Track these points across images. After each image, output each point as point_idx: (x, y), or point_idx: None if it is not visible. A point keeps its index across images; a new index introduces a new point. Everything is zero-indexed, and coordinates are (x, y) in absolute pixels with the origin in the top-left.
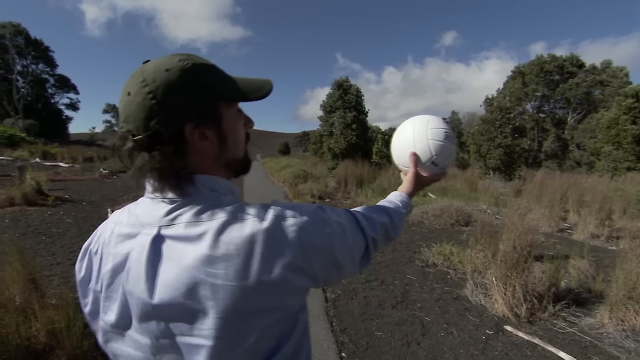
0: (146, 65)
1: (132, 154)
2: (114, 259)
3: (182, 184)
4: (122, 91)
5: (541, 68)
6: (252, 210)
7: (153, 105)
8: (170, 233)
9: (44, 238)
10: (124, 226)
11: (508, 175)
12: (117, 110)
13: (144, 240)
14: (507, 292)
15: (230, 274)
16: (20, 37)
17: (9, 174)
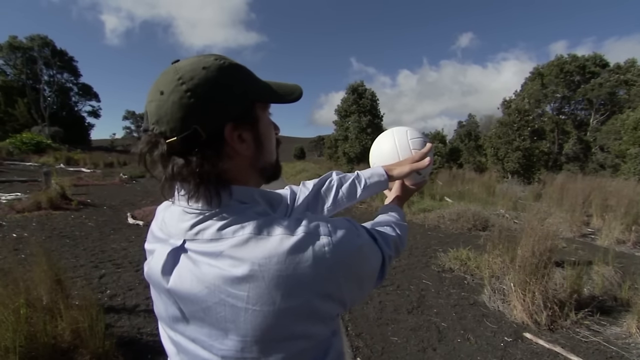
0: (179, 64)
1: (164, 158)
2: (149, 254)
3: (220, 191)
4: (151, 91)
5: (561, 69)
6: (282, 225)
7: (192, 103)
8: (193, 247)
9: (67, 241)
10: (156, 228)
11: (527, 178)
12: (138, 116)
13: (166, 251)
14: (527, 299)
15: (253, 297)
16: (47, 49)
17: (36, 179)
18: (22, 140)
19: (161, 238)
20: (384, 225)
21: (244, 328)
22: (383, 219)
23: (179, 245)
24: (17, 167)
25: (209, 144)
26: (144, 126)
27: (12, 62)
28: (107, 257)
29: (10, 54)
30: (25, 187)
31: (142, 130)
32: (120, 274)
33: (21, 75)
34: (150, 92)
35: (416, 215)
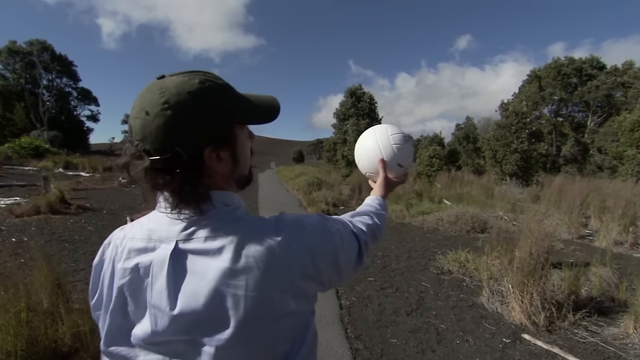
0: (165, 83)
1: (147, 172)
2: (127, 273)
3: (200, 203)
4: (136, 107)
5: (558, 71)
6: (267, 224)
7: (175, 128)
8: (189, 247)
9: (67, 245)
10: (138, 241)
11: (525, 180)
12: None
13: (163, 254)
14: (524, 300)
15: (251, 285)
16: (46, 54)
17: (35, 184)
18: (20, 144)
19: (148, 247)
20: (363, 215)
21: (245, 314)
22: (363, 209)
23: (173, 248)
24: (16, 172)
25: (189, 165)
26: (129, 138)
27: (11, 67)
28: None
29: (10, 59)
30: (24, 191)
31: (127, 140)
32: None
33: (20, 80)
34: (135, 106)
35: (415, 218)
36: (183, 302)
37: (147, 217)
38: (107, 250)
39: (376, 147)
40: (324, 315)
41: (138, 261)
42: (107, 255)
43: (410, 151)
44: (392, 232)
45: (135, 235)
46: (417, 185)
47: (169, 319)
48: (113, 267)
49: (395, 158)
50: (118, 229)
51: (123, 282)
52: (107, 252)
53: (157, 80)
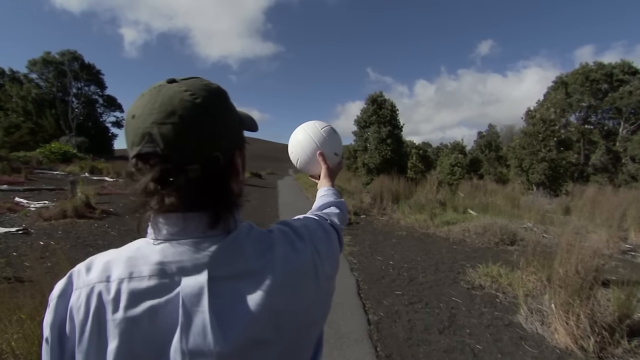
0: (190, 84)
1: (185, 186)
2: (134, 324)
3: (235, 216)
4: (156, 112)
5: (587, 77)
6: (288, 235)
7: (215, 130)
8: (225, 273)
9: (91, 250)
10: (144, 280)
11: (553, 190)
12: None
13: (195, 287)
14: (570, 322)
15: (295, 298)
16: (76, 63)
17: (63, 188)
18: (50, 149)
19: (164, 284)
20: (330, 206)
21: (290, 327)
22: (326, 201)
23: (207, 277)
24: (46, 176)
25: (225, 170)
26: (147, 149)
27: (44, 76)
28: None
29: (44, 69)
30: (52, 195)
31: (143, 153)
32: None
33: (52, 88)
34: (151, 111)
35: (440, 229)
36: (233, 334)
37: (136, 250)
38: (72, 302)
39: (312, 142)
40: (352, 332)
41: (150, 304)
42: (75, 308)
43: (340, 140)
44: (416, 242)
45: (137, 274)
46: (441, 195)
47: (217, 357)
48: (100, 321)
49: (331, 148)
50: (75, 273)
51: (128, 337)
52: (72, 304)
53: (174, 84)
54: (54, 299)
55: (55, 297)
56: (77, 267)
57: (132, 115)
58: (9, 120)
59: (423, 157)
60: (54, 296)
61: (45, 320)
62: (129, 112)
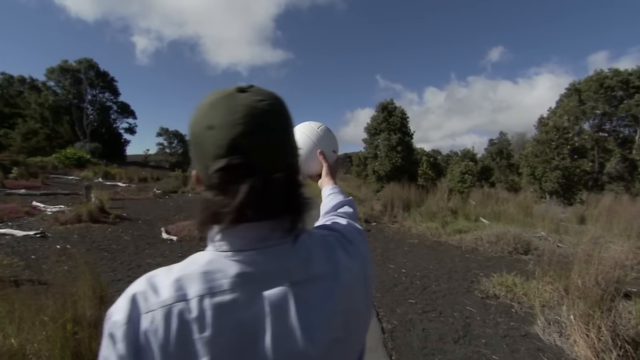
0: (263, 94)
1: (270, 195)
2: (224, 340)
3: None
4: (249, 124)
5: (601, 84)
6: (344, 241)
7: (292, 138)
8: (302, 278)
9: (105, 254)
10: (226, 294)
11: (567, 199)
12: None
13: (279, 295)
14: (591, 334)
15: (356, 299)
16: (92, 71)
17: (77, 193)
18: (65, 155)
19: (245, 296)
20: (343, 205)
21: (358, 327)
22: (337, 200)
23: (289, 282)
24: (61, 181)
25: (297, 175)
26: (236, 161)
27: (61, 84)
28: (142, 271)
29: (61, 76)
30: (67, 199)
31: (231, 165)
32: None
33: (68, 95)
34: (237, 123)
35: (452, 237)
36: (319, 336)
37: (208, 264)
38: (145, 326)
39: (310, 142)
40: (366, 340)
41: (237, 317)
42: (152, 332)
43: (336, 138)
44: (428, 250)
45: (217, 289)
46: (452, 203)
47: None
48: (184, 342)
49: (330, 146)
50: (139, 296)
51: (219, 353)
52: (145, 328)
53: (247, 93)
54: (120, 327)
55: (123, 324)
56: (135, 289)
57: (209, 126)
58: (27, 127)
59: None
60: (120, 323)
61: (112, 350)
62: (200, 123)
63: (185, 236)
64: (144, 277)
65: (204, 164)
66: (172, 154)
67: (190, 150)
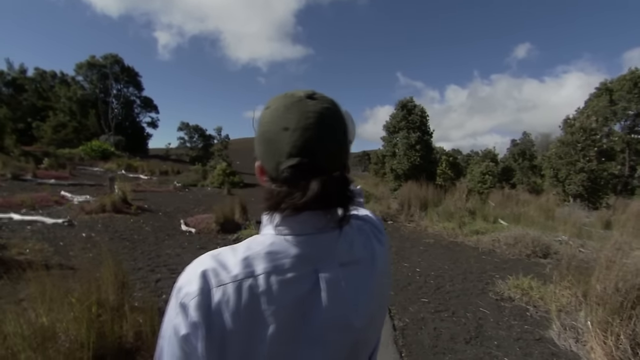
0: (329, 102)
1: (332, 190)
2: (285, 310)
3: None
4: (320, 130)
5: (635, 83)
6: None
7: (348, 142)
8: (347, 260)
9: (127, 244)
10: (288, 272)
11: (592, 203)
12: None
13: (332, 274)
14: (609, 341)
15: (385, 283)
16: (117, 66)
17: (102, 184)
18: (91, 147)
19: (304, 274)
20: (358, 194)
21: (386, 308)
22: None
23: (338, 263)
24: (87, 172)
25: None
26: (307, 161)
27: (89, 78)
28: (162, 261)
29: (88, 71)
30: (93, 190)
31: (302, 164)
32: (175, 279)
33: (95, 89)
34: (310, 127)
35: (468, 238)
36: (364, 311)
37: (271, 246)
38: (218, 297)
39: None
40: None
41: (297, 293)
42: (224, 302)
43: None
44: (444, 250)
45: (280, 267)
46: (470, 203)
47: (356, 331)
48: (253, 312)
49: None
50: (209, 272)
51: (283, 323)
52: (218, 299)
53: (316, 100)
54: (193, 297)
55: (196, 295)
56: (204, 266)
57: (285, 128)
58: (57, 119)
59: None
60: (193, 295)
61: (183, 318)
62: (275, 123)
63: (203, 228)
64: (208, 255)
65: (276, 160)
66: (193, 148)
67: (258, 145)
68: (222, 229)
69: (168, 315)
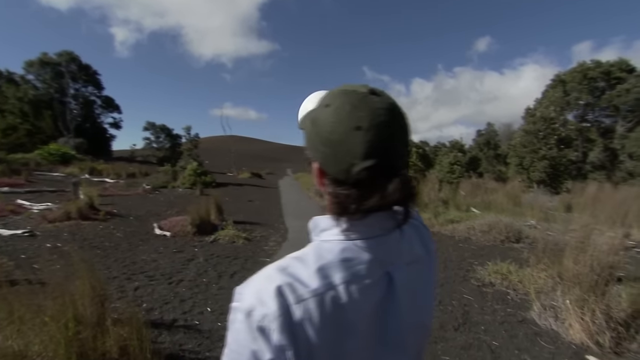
0: (392, 99)
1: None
2: (368, 317)
3: None
4: (393, 129)
5: (584, 75)
6: (422, 228)
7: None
8: (411, 259)
9: (98, 252)
10: (364, 278)
11: (554, 188)
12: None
13: (402, 275)
14: (586, 318)
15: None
16: (74, 64)
17: (64, 190)
18: (49, 151)
19: (377, 277)
20: None
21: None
22: None
23: (405, 264)
24: (46, 178)
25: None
26: (384, 162)
27: (42, 77)
28: (138, 268)
29: (41, 69)
30: (54, 197)
31: (383, 165)
32: (154, 286)
33: (49, 89)
34: (380, 125)
35: (444, 227)
36: (430, 307)
37: (342, 252)
38: (300, 314)
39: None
40: None
41: (377, 297)
42: (307, 319)
43: None
44: None
45: (357, 274)
46: (443, 193)
47: (428, 329)
48: (338, 323)
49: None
50: (285, 288)
51: (368, 329)
52: (301, 316)
53: (382, 97)
54: (275, 319)
55: (278, 317)
56: (274, 282)
57: (357, 127)
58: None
59: (422, 156)
60: (274, 316)
61: (265, 343)
62: (344, 123)
63: (178, 231)
64: (273, 269)
65: (348, 161)
66: (160, 148)
67: (320, 146)
68: (199, 231)
69: (239, 341)
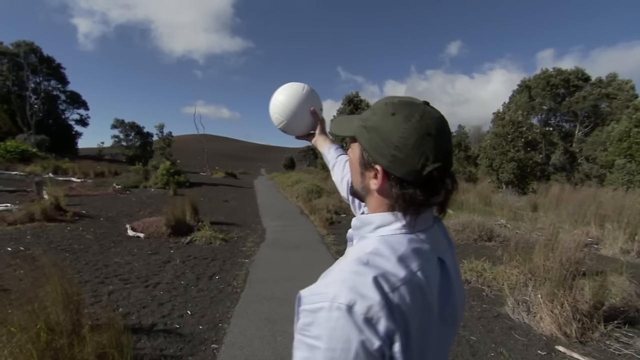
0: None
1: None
2: (440, 296)
3: None
4: (447, 135)
5: (547, 82)
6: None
7: None
8: (447, 247)
9: (67, 255)
10: (431, 265)
11: (521, 188)
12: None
13: (451, 261)
14: (555, 310)
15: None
16: (34, 56)
17: (25, 189)
18: (6, 148)
19: (433, 263)
20: None
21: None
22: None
23: (446, 252)
24: (3, 177)
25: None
26: (446, 165)
27: None
28: (112, 271)
29: None
30: (13, 197)
31: (445, 167)
32: (129, 290)
33: (6, 82)
34: (440, 133)
35: None
36: (463, 288)
37: (409, 243)
38: (397, 301)
39: (298, 101)
40: None
41: (441, 280)
42: (404, 305)
43: (319, 97)
44: None
45: (426, 261)
46: None
47: (465, 303)
48: (426, 305)
49: (318, 105)
50: (380, 279)
51: (440, 305)
52: (398, 303)
53: (433, 107)
54: (381, 309)
55: (384, 306)
56: (367, 276)
57: (429, 134)
58: None
59: None
60: (380, 305)
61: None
62: (418, 130)
63: (152, 232)
64: (358, 265)
65: (421, 163)
66: (129, 147)
67: (393, 151)
68: (174, 232)
69: (338, 337)
